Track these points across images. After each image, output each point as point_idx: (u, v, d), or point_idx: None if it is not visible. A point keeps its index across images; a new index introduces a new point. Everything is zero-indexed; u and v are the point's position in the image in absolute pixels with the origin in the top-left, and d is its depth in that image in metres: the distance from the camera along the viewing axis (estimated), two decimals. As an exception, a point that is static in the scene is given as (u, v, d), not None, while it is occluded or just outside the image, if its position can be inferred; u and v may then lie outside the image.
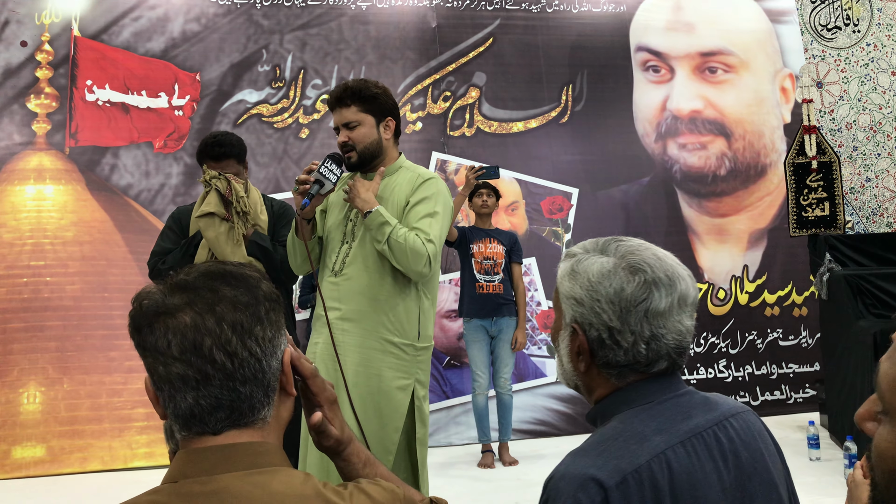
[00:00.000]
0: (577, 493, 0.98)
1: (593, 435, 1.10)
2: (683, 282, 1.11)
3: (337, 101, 2.46)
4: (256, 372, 0.92)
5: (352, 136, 2.43)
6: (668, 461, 1.01)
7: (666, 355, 1.09)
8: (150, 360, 0.92)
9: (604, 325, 1.09)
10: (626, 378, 1.11)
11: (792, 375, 5.71)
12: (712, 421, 1.09)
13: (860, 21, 5.66)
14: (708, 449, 1.06)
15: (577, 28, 5.83)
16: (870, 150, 5.59)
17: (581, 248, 1.19)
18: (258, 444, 0.93)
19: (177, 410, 0.92)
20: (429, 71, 5.59)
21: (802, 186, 4.95)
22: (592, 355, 1.11)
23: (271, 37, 5.42)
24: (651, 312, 1.07)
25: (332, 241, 2.49)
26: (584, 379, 1.15)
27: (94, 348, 4.83)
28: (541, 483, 1.07)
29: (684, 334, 1.10)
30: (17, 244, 4.90)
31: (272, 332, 0.95)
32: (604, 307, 1.09)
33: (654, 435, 1.04)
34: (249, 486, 0.89)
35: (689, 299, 1.11)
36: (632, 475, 0.99)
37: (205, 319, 0.90)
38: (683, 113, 5.84)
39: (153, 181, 5.14)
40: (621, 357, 1.09)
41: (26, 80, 5.06)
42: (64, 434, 4.69)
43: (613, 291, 1.08)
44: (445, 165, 5.50)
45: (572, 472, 1.01)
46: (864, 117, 5.63)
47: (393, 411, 2.34)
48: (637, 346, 1.08)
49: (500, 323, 4.53)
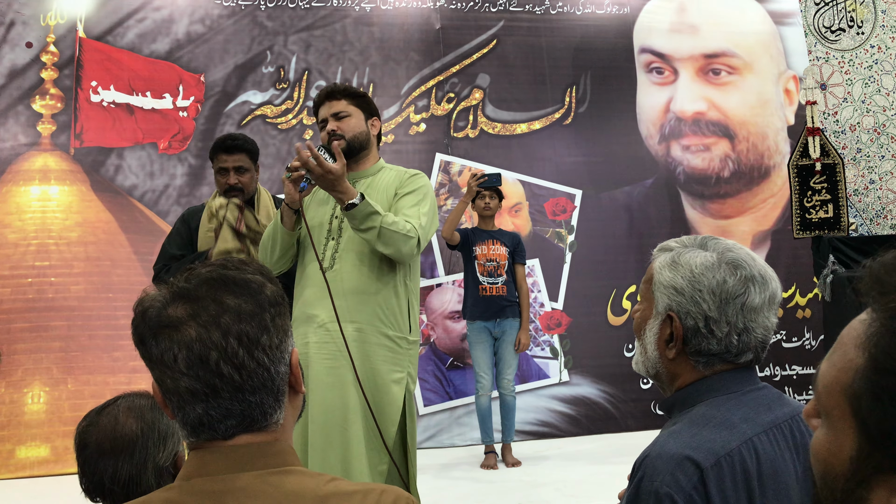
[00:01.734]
0: (674, 471, 1.03)
1: (681, 418, 1.15)
2: (774, 282, 1.19)
3: (327, 95, 2.52)
4: (265, 381, 0.92)
5: (341, 125, 2.48)
6: (755, 448, 1.08)
7: (753, 348, 1.17)
8: (157, 373, 0.91)
9: (701, 315, 1.15)
10: (713, 366, 1.17)
11: (795, 377, 5.70)
12: (788, 415, 1.16)
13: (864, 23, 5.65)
14: (785, 440, 1.13)
15: (580, 30, 5.84)
16: (874, 152, 5.58)
17: (678, 243, 1.25)
18: (271, 444, 0.93)
19: (186, 419, 0.91)
20: (432, 72, 5.59)
21: (806, 188, 4.95)
22: (685, 343, 1.17)
23: (275, 38, 5.44)
24: (747, 307, 1.15)
25: (315, 238, 2.45)
26: (669, 366, 1.21)
27: (98, 348, 4.85)
28: (543, 484, 1.09)
29: (769, 330, 1.18)
30: (21, 244, 4.91)
31: (279, 339, 0.94)
32: (705, 297, 1.15)
33: (742, 423, 1.10)
34: (264, 485, 0.89)
35: (777, 299, 1.19)
36: (725, 458, 1.05)
37: (210, 333, 0.88)
38: (687, 115, 5.84)
39: (157, 182, 5.15)
40: (713, 346, 1.15)
41: (31, 80, 5.08)
42: (68, 434, 4.70)
43: (716, 283, 1.15)
44: (449, 167, 5.51)
45: (669, 451, 1.06)
46: (867, 119, 5.63)
47: (389, 405, 2.36)
48: (730, 336, 1.15)
49: (503, 324, 4.54)
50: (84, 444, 1.38)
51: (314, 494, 0.90)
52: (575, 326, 5.45)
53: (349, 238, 2.40)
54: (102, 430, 1.37)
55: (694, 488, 1.02)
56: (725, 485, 1.03)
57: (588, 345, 5.41)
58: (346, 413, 2.29)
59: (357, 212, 2.29)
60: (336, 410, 2.29)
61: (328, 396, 2.30)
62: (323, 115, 2.52)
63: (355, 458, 2.26)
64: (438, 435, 5.13)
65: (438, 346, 5.27)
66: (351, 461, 2.26)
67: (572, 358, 5.43)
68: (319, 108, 2.55)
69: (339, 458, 2.27)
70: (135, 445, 1.36)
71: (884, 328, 0.61)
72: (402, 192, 2.47)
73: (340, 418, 2.28)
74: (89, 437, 1.38)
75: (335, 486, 0.92)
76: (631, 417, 5.37)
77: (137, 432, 1.37)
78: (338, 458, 2.27)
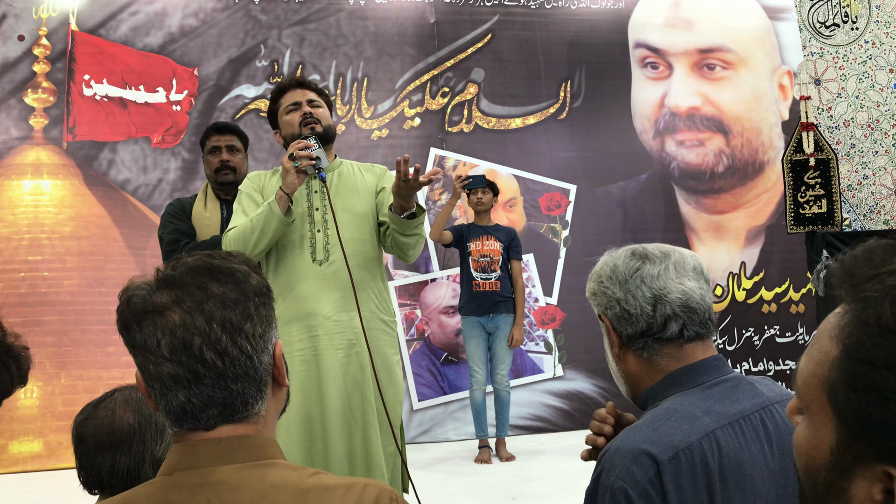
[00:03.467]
0: (630, 466, 1.03)
1: (646, 414, 1.15)
2: (677, 253, 1.22)
3: (298, 84, 2.54)
4: (248, 369, 0.92)
5: (315, 112, 2.49)
6: (717, 441, 1.07)
7: (674, 315, 1.17)
8: (140, 359, 0.91)
9: (614, 300, 1.21)
10: (653, 349, 1.19)
11: (789, 372, 5.72)
12: (758, 405, 1.15)
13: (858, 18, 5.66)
14: (754, 431, 1.11)
15: (575, 24, 5.83)
16: (867, 147, 5.59)
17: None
18: (253, 436, 0.93)
19: (168, 407, 0.91)
20: (427, 67, 5.58)
21: (800, 183, 4.96)
22: (619, 335, 1.21)
23: (269, 32, 5.42)
24: (646, 276, 1.19)
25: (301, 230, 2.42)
26: (625, 368, 1.23)
27: (91, 343, 4.83)
28: (537, 479, 1.09)
29: (688, 293, 1.18)
30: (14, 239, 4.89)
31: (262, 328, 0.94)
32: (608, 286, 1.22)
33: (704, 416, 1.10)
34: (246, 478, 0.89)
35: (688, 265, 1.21)
36: (683, 452, 1.04)
37: (194, 318, 0.89)
38: (681, 110, 5.84)
39: (151, 176, 5.13)
40: (639, 325, 1.18)
41: (23, 74, 5.05)
42: (61, 429, 4.69)
43: (611, 269, 1.23)
44: (444, 161, 5.50)
45: (626, 446, 1.06)
46: (861, 114, 5.63)
47: (395, 386, 2.44)
48: (644, 309, 1.18)
49: (497, 319, 4.54)
50: (81, 437, 1.38)
51: (296, 487, 0.90)
52: (569, 321, 5.45)
53: (336, 230, 2.38)
54: (100, 424, 1.37)
55: (649, 482, 1.02)
56: (683, 478, 1.02)
57: (582, 340, 5.41)
58: (364, 399, 2.35)
59: (419, 219, 2.35)
60: (355, 397, 2.35)
61: (346, 384, 2.34)
62: (295, 98, 2.50)
63: (373, 441, 2.33)
64: (433, 429, 5.13)
65: (433, 341, 5.27)
66: (370, 444, 2.33)
67: (566, 353, 5.43)
68: (285, 93, 2.53)
69: (361, 442, 2.33)
70: (132, 438, 1.36)
71: (856, 319, 0.62)
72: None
73: (359, 404, 2.35)
74: (87, 430, 1.37)
75: (317, 480, 0.92)
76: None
77: (135, 425, 1.37)
78: (360, 442, 2.33)
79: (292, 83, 2.55)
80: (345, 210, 2.43)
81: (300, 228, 2.42)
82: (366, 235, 2.45)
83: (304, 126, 2.44)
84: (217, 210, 3.01)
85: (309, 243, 2.40)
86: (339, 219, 2.39)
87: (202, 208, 3.00)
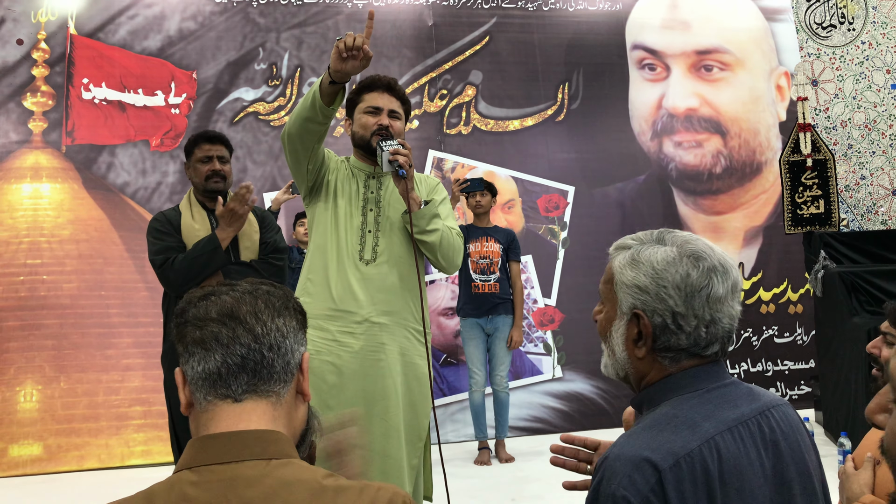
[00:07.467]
0: (632, 474, 1.02)
1: (644, 419, 1.14)
2: (735, 270, 1.18)
3: (388, 87, 2.45)
4: (280, 345, 1.02)
5: (393, 125, 2.43)
6: (717, 447, 1.06)
7: (720, 339, 1.15)
8: (188, 329, 1.00)
9: (669, 311, 1.13)
10: (680, 362, 1.16)
11: (787, 372, 5.73)
12: (756, 410, 1.14)
13: (855, 19, 5.67)
14: (752, 437, 1.11)
15: (573, 26, 5.84)
16: (864, 147, 5.60)
17: (634, 240, 1.22)
18: (270, 432, 0.97)
19: (205, 371, 0.98)
20: (425, 69, 5.59)
21: (797, 184, 4.97)
22: (654, 340, 1.16)
23: (268, 35, 5.42)
24: (712, 297, 1.13)
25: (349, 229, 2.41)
26: (637, 365, 1.19)
27: (90, 346, 4.84)
28: (537, 480, 1.10)
29: (734, 319, 1.17)
30: (13, 242, 4.89)
31: (294, 337, 1.05)
32: (670, 293, 1.13)
33: (704, 421, 1.08)
34: (262, 474, 0.93)
35: (738, 287, 1.18)
36: (684, 459, 1.03)
37: (244, 299, 1.02)
38: (679, 111, 5.85)
39: (150, 179, 5.14)
40: (682, 341, 1.14)
41: (22, 78, 5.05)
42: (61, 432, 4.69)
43: (680, 278, 1.14)
44: (442, 163, 5.51)
45: (627, 453, 1.05)
46: (858, 115, 5.65)
47: (424, 398, 2.41)
48: (699, 329, 1.13)
49: (495, 321, 4.55)
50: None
51: (310, 486, 0.93)
52: (568, 322, 5.46)
53: (388, 233, 2.39)
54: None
55: (651, 490, 1.01)
56: (684, 486, 1.02)
57: (581, 341, 5.42)
58: (388, 404, 2.31)
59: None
60: (377, 401, 2.31)
61: (367, 386, 2.31)
62: (378, 102, 2.43)
63: (393, 448, 2.30)
64: (432, 431, 5.13)
65: (433, 343, 5.28)
66: (389, 451, 2.29)
67: (565, 354, 5.44)
68: (372, 91, 2.46)
69: (380, 453, 2.29)
70: None
71: None
72: (437, 200, 2.45)
73: (381, 408, 2.31)
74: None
75: (332, 481, 0.96)
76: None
77: None
78: (378, 452, 2.29)
79: (382, 83, 2.45)
80: (396, 215, 2.43)
81: (351, 227, 2.40)
82: (411, 243, 2.44)
83: (375, 135, 2.39)
84: (205, 220, 2.97)
85: (358, 242, 2.39)
86: (393, 221, 2.40)
87: (191, 219, 2.96)
